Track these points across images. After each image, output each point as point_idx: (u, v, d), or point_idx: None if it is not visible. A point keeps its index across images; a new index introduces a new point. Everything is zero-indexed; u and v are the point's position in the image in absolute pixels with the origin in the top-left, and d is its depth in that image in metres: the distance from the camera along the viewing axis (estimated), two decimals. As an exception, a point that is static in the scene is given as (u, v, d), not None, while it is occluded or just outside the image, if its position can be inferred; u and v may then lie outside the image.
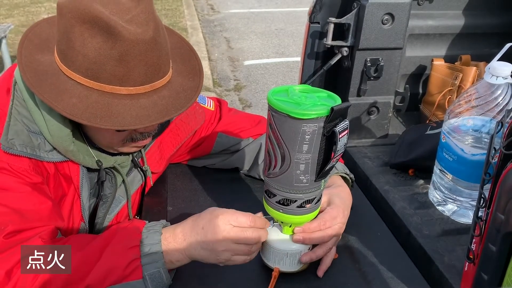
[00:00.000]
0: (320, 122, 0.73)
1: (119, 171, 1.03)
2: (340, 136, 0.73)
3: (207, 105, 1.19)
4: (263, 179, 0.84)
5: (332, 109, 0.72)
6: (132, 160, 1.07)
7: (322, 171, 0.78)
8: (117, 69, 0.80)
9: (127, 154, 1.04)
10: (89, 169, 0.97)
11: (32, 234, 0.81)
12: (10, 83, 0.89)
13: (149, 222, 0.85)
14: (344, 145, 0.77)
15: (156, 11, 0.86)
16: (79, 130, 0.93)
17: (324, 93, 0.80)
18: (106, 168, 1.00)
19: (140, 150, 1.06)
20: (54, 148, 0.89)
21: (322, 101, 0.77)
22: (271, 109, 0.75)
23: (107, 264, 0.78)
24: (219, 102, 1.24)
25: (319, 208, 0.87)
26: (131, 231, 0.82)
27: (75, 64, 0.81)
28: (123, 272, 0.78)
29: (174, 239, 0.81)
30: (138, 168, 1.09)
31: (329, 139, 0.75)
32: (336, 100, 0.77)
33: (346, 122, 0.75)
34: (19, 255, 0.78)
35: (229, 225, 0.79)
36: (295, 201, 0.80)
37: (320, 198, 0.84)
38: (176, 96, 0.88)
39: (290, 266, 0.87)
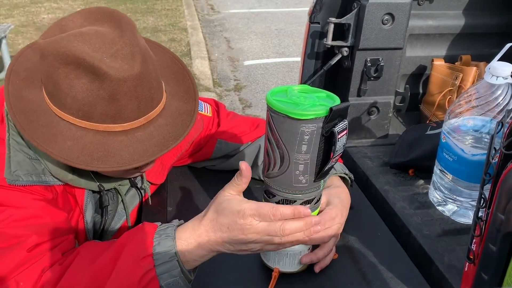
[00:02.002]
0: (319, 123, 0.72)
1: (119, 191, 1.03)
2: (339, 136, 0.73)
3: (204, 111, 1.16)
4: (263, 179, 0.84)
5: (331, 109, 0.71)
6: (129, 180, 1.05)
7: (321, 172, 0.77)
8: (108, 108, 0.78)
9: (133, 177, 1.03)
10: (93, 190, 0.97)
11: (52, 246, 0.81)
12: (2, 110, 0.87)
13: (160, 224, 0.82)
14: (343, 145, 0.77)
15: (140, 38, 0.83)
16: None
17: (323, 93, 0.80)
18: (108, 189, 1.00)
19: None
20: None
21: (321, 101, 0.76)
22: (270, 110, 0.75)
23: (120, 279, 0.75)
24: (217, 106, 1.22)
25: (319, 208, 0.87)
26: (142, 239, 0.78)
27: (65, 106, 0.79)
28: (138, 285, 0.75)
29: (195, 239, 0.77)
30: (136, 188, 1.07)
31: (328, 140, 0.75)
32: (335, 100, 0.77)
33: (345, 122, 0.75)
34: (42, 266, 0.78)
35: (255, 221, 0.75)
36: (295, 201, 0.80)
37: (319, 198, 0.84)
38: (173, 122, 0.86)
39: (290, 266, 0.87)
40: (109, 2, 7.48)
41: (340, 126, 0.74)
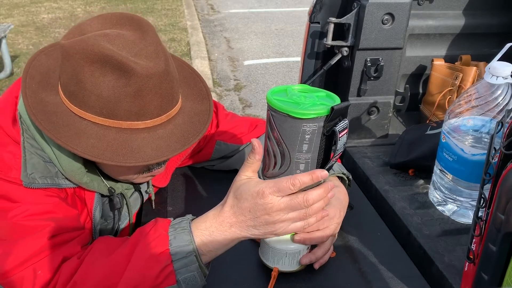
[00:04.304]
0: (320, 122, 0.73)
1: (124, 195, 1.04)
2: (340, 135, 0.74)
3: None
4: (263, 179, 0.84)
5: (332, 108, 0.72)
6: (134, 186, 1.06)
7: None
8: (133, 105, 0.79)
9: (141, 183, 1.04)
10: (102, 194, 0.98)
11: (71, 237, 0.83)
12: (14, 113, 0.88)
13: (173, 219, 0.82)
14: (344, 144, 0.77)
15: (162, 42, 0.85)
16: (90, 162, 0.91)
17: (323, 92, 0.80)
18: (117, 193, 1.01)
19: None
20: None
21: (322, 100, 0.77)
22: (271, 109, 0.75)
23: (135, 274, 0.75)
24: (216, 107, 1.22)
25: None
26: (156, 234, 0.77)
27: (88, 104, 0.80)
28: (155, 281, 0.75)
29: (217, 228, 0.77)
30: (139, 192, 1.09)
31: (329, 139, 0.75)
32: (335, 100, 0.78)
33: (346, 122, 0.76)
34: (62, 255, 0.79)
35: (276, 198, 0.74)
36: None
37: None
38: (190, 121, 0.89)
39: (289, 265, 0.87)
40: (109, 2, 7.48)
41: (341, 125, 0.74)
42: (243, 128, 1.19)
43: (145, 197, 1.11)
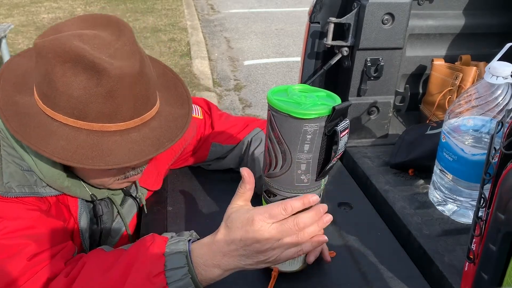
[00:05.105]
0: (321, 122, 0.73)
1: (113, 201, 1.01)
2: (341, 135, 0.74)
3: (195, 114, 1.15)
4: (263, 179, 0.83)
5: (333, 108, 0.72)
6: (123, 190, 1.03)
7: (323, 171, 0.78)
8: (104, 106, 0.77)
9: (117, 189, 1.00)
10: (87, 200, 0.96)
11: (53, 254, 0.79)
12: None
13: (171, 237, 0.78)
14: (345, 144, 0.77)
15: (138, 43, 0.83)
16: (70, 166, 0.88)
17: (323, 92, 0.80)
18: (101, 199, 0.98)
19: None
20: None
21: (322, 100, 0.77)
22: (272, 109, 0.75)
23: None
24: (209, 108, 1.21)
25: None
26: (152, 254, 0.74)
27: (59, 105, 0.77)
28: None
29: (211, 258, 0.74)
30: (131, 197, 1.05)
31: (330, 139, 0.75)
32: (335, 100, 0.78)
33: (347, 121, 0.76)
34: (46, 276, 0.75)
35: (266, 224, 0.72)
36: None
37: (319, 197, 0.85)
38: (167, 125, 0.86)
39: (290, 265, 0.87)
40: (109, 2, 7.48)
41: (342, 125, 0.74)
42: (236, 128, 1.18)
43: (142, 200, 1.08)
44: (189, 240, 0.77)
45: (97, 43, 0.77)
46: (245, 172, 0.77)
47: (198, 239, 0.79)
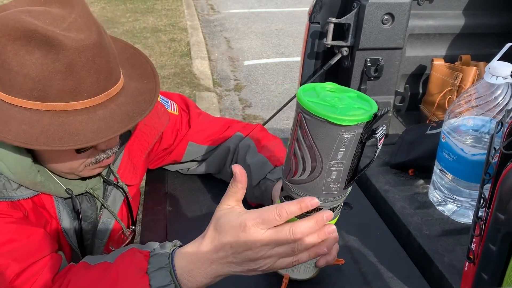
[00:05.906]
0: (359, 129, 0.66)
1: (94, 196, 0.96)
2: (379, 143, 0.69)
3: (171, 109, 1.09)
4: (283, 183, 0.75)
5: (375, 115, 0.65)
6: (104, 181, 0.99)
7: (353, 179, 0.72)
8: (65, 83, 0.71)
9: (93, 177, 0.95)
10: (64, 197, 0.91)
11: (39, 268, 0.75)
12: None
13: (153, 250, 0.73)
14: (378, 151, 0.72)
15: (93, 14, 0.77)
16: (39, 161, 0.83)
17: (354, 93, 0.74)
18: (80, 194, 0.93)
19: (110, 168, 0.99)
20: (21, 185, 0.81)
21: (357, 103, 0.69)
22: (304, 112, 0.67)
23: None
24: (186, 106, 1.14)
25: (339, 214, 0.81)
26: (134, 273, 0.70)
27: (16, 88, 0.71)
28: None
29: (196, 265, 0.69)
30: (114, 186, 1.00)
31: (364, 146, 0.69)
32: (369, 102, 0.70)
33: (384, 128, 0.70)
34: None
35: (260, 231, 0.66)
36: (321, 209, 0.72)
37: (342, 204, 0.78)
38: (135, 100, 0.81)
39: (304, 273, 0.84)
40: (109, 2, 7.48)
41: (380, 132, 0.68)
42: (215, 129, 1.13)
43: (124, 188, 1.03)
44: (173, 251, 0.72)
45: (49, 18, 0.71)
46: (237, 169, 0.70)
47: (181, 246, 0.74)
